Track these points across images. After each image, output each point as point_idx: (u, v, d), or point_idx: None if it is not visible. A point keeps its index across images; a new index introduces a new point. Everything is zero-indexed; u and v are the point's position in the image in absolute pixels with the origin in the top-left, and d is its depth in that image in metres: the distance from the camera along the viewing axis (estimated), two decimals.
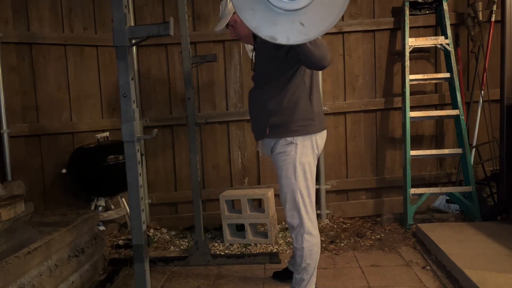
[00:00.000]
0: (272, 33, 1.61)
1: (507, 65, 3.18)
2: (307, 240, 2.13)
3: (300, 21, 1.60)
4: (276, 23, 1.61)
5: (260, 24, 1.61)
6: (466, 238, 2.79)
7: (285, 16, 1.60)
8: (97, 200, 3.42)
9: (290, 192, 2.12)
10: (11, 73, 3.23)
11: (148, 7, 3.66)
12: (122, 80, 1.55)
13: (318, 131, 2.14)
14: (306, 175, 2.12)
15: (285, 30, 1.61)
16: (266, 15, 1.60)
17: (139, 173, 1.60)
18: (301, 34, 1.61)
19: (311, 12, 1.59)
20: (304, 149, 2.10)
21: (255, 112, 2.27)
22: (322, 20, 1.61)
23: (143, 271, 1.65)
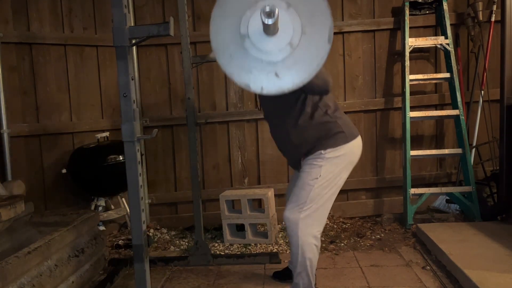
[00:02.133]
0: (247, 82, 1.64)
1: (507, 65, 3.18)
2: (302, 245, 2.08)
3: (275, 72, 1.62)
4: (251, 72, 1.63)
5: (235, 71, 1.64)
6: (466, 238, 2.79)
7: (261, 65, 1.62)
8: (97, 200, 3.42)
9: (304, 192, 2.08)
10: (11, 73, 3.23)
11: (148, 7, 3.66)
12: (122, 80, 1.55)
13: (350, 140, 2.13)
14: (328, 183, 2.09)
15: (261, 80, 1.63)
16: (243, 63, 1.63)
17: (139, 173, 1.60)
18: (275, 86, 1.63)
19: (288, 64, 1.62)
20: (333, 159, 2.09)
21: (285, 149, 2.29)
22: (297, 73, 1.63)
23: (143, 271, 1.65)
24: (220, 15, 1.66)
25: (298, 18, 1.60)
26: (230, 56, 1.64)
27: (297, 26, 1.60)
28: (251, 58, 1.62)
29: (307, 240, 2.08)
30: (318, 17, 1.61)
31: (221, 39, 1.65)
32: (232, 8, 1.65)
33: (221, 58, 1.65)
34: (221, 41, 1.65)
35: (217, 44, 1.65)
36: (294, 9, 1.60)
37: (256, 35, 1.60)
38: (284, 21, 1.59)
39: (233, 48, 1.63)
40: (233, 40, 1.63)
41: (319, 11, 1.61)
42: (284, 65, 1.61)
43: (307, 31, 1.60)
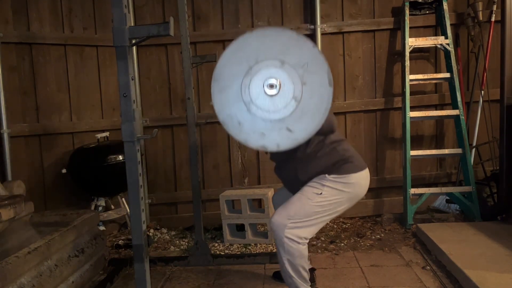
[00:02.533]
0: (262, 143, 1.68)
1: (507, 65, 3.18)
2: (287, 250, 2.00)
3: (287, 127, 1.66)
4: (264, 133, 1.67)
5: (248, 136, 1.68)
6: (466, 238, 2.79)
7: (271, 124, 1.66)
8: (97, 200, 3.42)
9: (298, 200, 2.03)
10: (11, 73, 3.23)
11: (148, 7, 3.66)
12: (122, 80, 1.55)
13: (356, 171, 2.09)
14: (327, 203, 2.04)
15: (274, 138, 1.67)
16: (253, 127, 1.67)
17: (139, 173, 1.60)
18: (289, 140, 1.67)
19: (297, 117, 1.65)
20: (337, 184, 2.05)
21: (292, 186, 2.23)
22: (308, 122, 1.66)
23: (143, 271, 1.65)
24: (220, 89, 1.70)
25: (295, 71, 1.64)
26: (239, 123, 1.68)
27: (296, 79, 1.64)
28: (259, 121, 1.66)
29: (292, 246, 2.01)
30: (313, 65, 1.64)
31: (226, 110, 1.69)
32: (228, 80, 1.68)
33: (231, 129, 1.69)
34: (227, 112, 1.68)
35: (224, 116, 1.69)
36: (289, 65, 1.64)
37: (259, 98, 1.64)
38: (282, 78, 1.63)
39: (240, 116, 1.67)
40: (239, 108, 1.67)
41: (313, 58, 1.65)
42: (293, 118, 1.65)
43: (306, 81, 1.64)
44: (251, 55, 1.66)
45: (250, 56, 1.66)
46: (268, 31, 1.67)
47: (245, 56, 1.67)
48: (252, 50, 1.66)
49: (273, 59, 1.64)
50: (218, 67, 1.70)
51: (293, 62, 1.64)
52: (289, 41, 1.65)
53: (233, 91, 1.68)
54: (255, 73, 1.65)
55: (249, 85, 1.65)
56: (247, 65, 1.66)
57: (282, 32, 1.66)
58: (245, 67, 1.66)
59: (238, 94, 1.67)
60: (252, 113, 1.65)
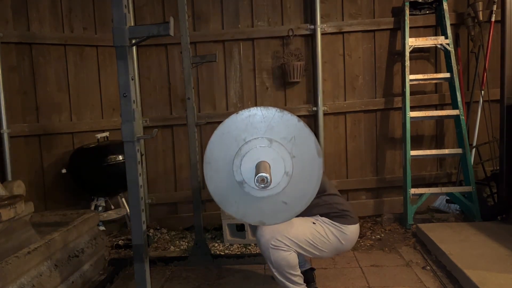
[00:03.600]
0: (260, 218, 1.76)
1: (507, 65, 3.18)
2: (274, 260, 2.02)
3: (282, 201, 1.72)
4: (261, 209, 1.74)
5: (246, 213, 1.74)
6: (466, 238, 2.79)
7: (267, 200, 1.72)
8: (97, 200, 3.42)
9: (292, 226, 2.03)
10: (11, 73, 3.23)
11: (148, 7, 3.66)
12: (122, 80, 1.55)
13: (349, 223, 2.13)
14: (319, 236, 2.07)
15: (271, 213, 1.73)
16: (250, 204, 1.73)
17: (139, 173, 1.60)
18: (286, 212, 1.74)
19: (291, 190, 1.71)
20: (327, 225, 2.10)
21: None
22: (302, 193, 1.73)
23: (143, 271, 1.65)
24: (212, 171, 1.76)
25: (283, 147, 1.70)
26: (235, 202, 1.74)
27: (285, 154, 1.70)
28: (255, 199, 1.71)
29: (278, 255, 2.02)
30: (300, 138, 1.70)
31: (221, 191, 1.75)
32: (220, 162, 1.74)
33: (229, 208, 1.75)
34: (223, 194, 1.75)
35: (220, 197, 1.76)
36: (276, 142, 1.70)
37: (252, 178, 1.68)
38: (272, 156, 1.68)
39: (236, 196, 1.73)
40: (233, 188, 1.73)
41: (299, 132, 1.70)
42: (287, 191, 1.71)
43: (295, 153, 1.70)
44: (239, 135, 1.73)
45: (239, 136, 1.73)
46: (253, 110, 1.73)
47: (234, 137, 1.73)
48: (240, 130, 1.73)
49: (261, 137, 1.70)
50: (209, 150, 1.76)
51: (280, 137, 1.70)
52: (274, 118, 1.71)
53: (226, 172, 1.74)
54: (245, 154, 1.71)
55: (240, 166, 1.71)
56: (236, 146, 1.72)
57: (266, 110, 1.72)
58: (234, 148, 1.73)
59: (230, 175, 1.73)
60: (246, 192, 1.71)
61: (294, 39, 3.62)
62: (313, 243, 2.08)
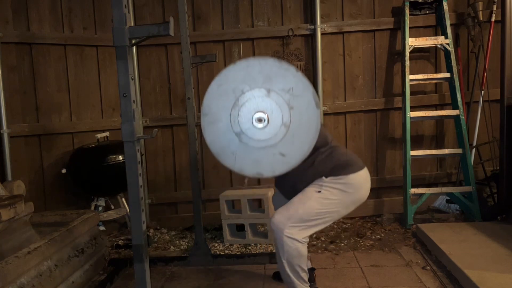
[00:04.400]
0: (257, 170, 1.73)
1: (507, 65, 3.18)
2: (286, 250, 1.99)
3: (280, 152, 1.70)
4: (258, 160, 1.71)
5: (243, 165, 1.72)
6: (466, 238, 2.79)
7: (265, 151, 1.70)
8: (97, 200, 3.42)
9: (299, 201, 2.03)
10: (11, 73, 3.23)
11: (148, 7, 3.66)
12: (122, 80, 1.55)
13: (354, 171, 2.09)
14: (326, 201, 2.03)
15: (269, 164, 1.71)
16: (247, 156, 1.71)
17: (139, 173, 1.60)
18: (284, 164, 1.71)
19: (288, 141, 1.69)
20: (335, 186, 2.05)
21: (290, 196, 2.20)
22: (299, 145, 1.70)
23: (143, 271, 1.65)
24: (209, 122, 1.73)
25: (281, 98, 1.68)
26: (232, 154, 1.72)
27: (283, 105, 1.68)
28: (252, 149, 1.69)
29: (292, 245, 1.99)
30: (298, 89, 1.68)
31: (219, 143, 1.72)
32: (217, 112, 1.72)
33: (226, 160, 1.72)
34: (220, 144, 1.72)
35: (217, 148, 1.73)
36: (275, 92, 1.68)
37: (249, 129, 1.67)
38: (270, 107, 1.67)
39: (233, 146, 1.71)
40: (230, 139, 1.71)
41: (297, 83, 1.68)
42: (285, 143, 1.68)
43: (293, 105, 1.68)
44: (237, 87, 1.71)
45: (236, 88, 1.71)
46: (251, 61, 1.71)
47: (231, 88, 1.71)
48: (237, 81, 1.71)
49: (259, 88, 1.68)
50: (206, 101, 1.75)
51: (279, 88, 1.68)
52: (272, 69, 1.68)
53: (223, 123, 1.72)
54: (242, 104, 1.69)
55: (237, 116, 1.69)
56: (233, 97, 1.70)
57: (264, 61, 1.70)
58: (232, 99, 1.70)
59: (228, 126, 1.71)
60: (243, 142, 1.69)
61: (294, 39, 3.63)
62: (326, 210, 2.04)
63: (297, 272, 2.05)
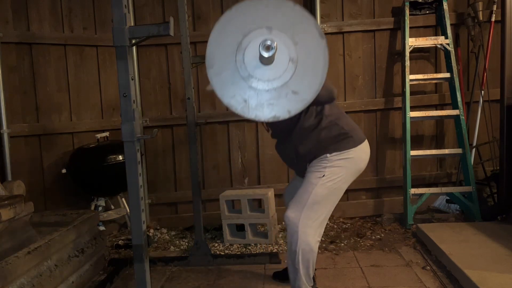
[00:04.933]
0: (273, 114, 1.66)
1: (507, 65, 3.18)
2: (300, 245, 2.04)
3: (292, 90, 1.64)
4: (272, 103, 1.65)
5: (257, 111, 1.66)
6: (466, 238, 2.79)
7: (277, 92, 1.64)
8: (97, 200, 3.42)
9: (306, 192, 2.07)
10: (11, 73, 3.23)
11: (148, 7, 3.66)
12: (122, 80, 1.55)
13: (356, 144, 2.12)
14: (331, 183, 2.07)
15: (283, 105, 1.65)
16: (260, 101, 1.65)
17: (139, 173, 1.60)
18: (298, 102, 1.65)
19: (299, 78, 1.64)
20: (338, 161, 2.08)
21: (292, 162, 2.28)
22: (311, 80, 1.65)
23: (143, 271, 1.65)
24: (216, 74, 1.69)
25: (284, 34, 1.63)
26: (244, 101, 1.66)
27: (287, 41, 1.63)
28: (264, 93, 1.64)
29: (306, 240, 2.05)
30: (300, 24, 1.63)
31: (228, 92, 1.67)
32: (222, 62, 1.68)
33: (239, 109, 1.66)
34: (230, 94, 1.67)
35: (228, 99, 1.67)
36: (276, 29, 1.63)
37: (257, 70, 1.62)
38: None
39: (244, 93, 1.65)
40: (240, 87, 1.65)
41: (298, 17, 1.63)
42: (295, 80, 1.63)
43: (297, 40, 1.63)
44: (236, 31, 1.64)
45: (236, 32, 1.64)
46: (246, 3, 1.65)
47: (231, 34, 1.65)
48: (236, 26, 1.64)
49: (260, 28, 1.62)
50: (208, 53, 1.69)
51: (280, 25, 1.62)
52: (269, 7, 1.63)
53: (230, 71, 1.66)
54: (246, 47, 1.63)
55: (243, 60, 1.63)
56: (235, 42, 1.64)
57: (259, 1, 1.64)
58: (234, 45, 1.65)
59: (235, 73, 1.65)
60: (253, 87, 1.63)
61: None
62: (332, 191, 2.08)
63: (308, 267, 2.09)
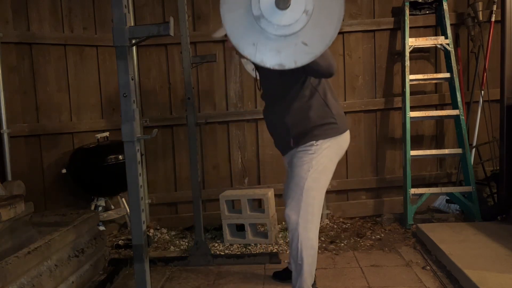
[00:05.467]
0: (279, 61, 1.62)
1: (507, 65, 3.18)
2: (302, 241, 2.11)
3: (302, 41, 1.60)
4: (279, 51, 1.61)
5: (264, 55, 1.62)
6: (466, 238, 2.79)
7: (286, 41, 1.60)
8: (97, 200, 3.42)
9: (299, 188, 2.11)
10: (11, 73, 3.23)
11: (148, 7, 3.66)
12: (122, 80, 1.55)
13: (341, 132, 2.15)
14: (319, 175, 2.11)
15: (291, 55, 1.61)
16: (268, 45, 1.61)
17: (139, 173, 1.60)
18: (307, 54, 1.61)
19: (311, 30, 1.59)
20: (323, 151, 2.11)
21: (275, 130, 2.29)
22: (322, 34, 1.60)
23: (143, 271, 1.65)
24: (229, 10, 1.63)
25: None
26: (253, 44, 1.61)
27: None
28: (273, 38, 1.60)
29: (307, 236, 2.11)
30: None
31: (238, 31, 1.62)
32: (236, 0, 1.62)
33: (246, 50, 1.62)
34: (240, 33, 1.62)
35: (237, 38, 1.62)
36: None
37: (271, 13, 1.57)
38: None
39: (253, 36, 1.61)
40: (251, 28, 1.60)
41: None
42: (307, 32, 1.59)
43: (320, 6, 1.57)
44: None
45: None
46: None
47: None
48: None
49: None
50: None
51: None
52: None
53: (243, 10, 1.61)
54: None
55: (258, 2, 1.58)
56: None
57: None
58: None
59: (248, 13, 1.60)
60: (264, 29, 1.59)
61: None
62: (322, 179, 2.14)
63: (310, 264, 2.14)
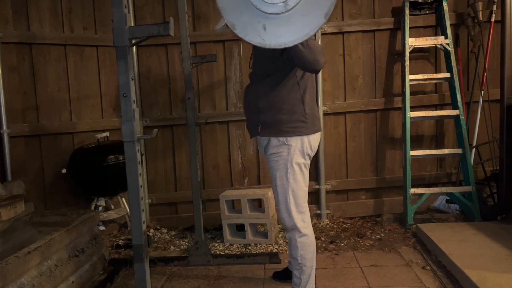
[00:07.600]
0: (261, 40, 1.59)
1: (507, 65, 3.18)
2: (300, 241, 2.14)
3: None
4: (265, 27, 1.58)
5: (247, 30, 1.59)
6: (466, 238, 2.79)
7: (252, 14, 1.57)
8: (97, 200, 3.42)
9: (282, 193, 2.14)
10: (11, 73, 3.23)
11: (148, 7, 3.66)
12: (122, 80, 1.55)
13: (310, 133, 2.14)
14: (297, 176, 2.12)
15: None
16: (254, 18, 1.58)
17: (139, 173, 1.60)
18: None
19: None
20: (296, 150, 2.11)
21: (248, 109, 2.31)
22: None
23: (143, 271, 1.65)
24: None
25: None
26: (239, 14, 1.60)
27: None
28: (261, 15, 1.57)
29: (303, 234, 2.15)
30: None
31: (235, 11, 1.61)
32: None
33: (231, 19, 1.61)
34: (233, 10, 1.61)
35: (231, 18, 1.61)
36: None
37: None
38: None
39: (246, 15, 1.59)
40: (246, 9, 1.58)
41: None
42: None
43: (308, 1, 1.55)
44: None
45: None
46: None
47: None
48: None
49: None
50: None
51: None
52: None
53: None
54: None
55: None
56: None
57: None
58: None
59: None
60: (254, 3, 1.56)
61: None
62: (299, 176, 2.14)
63: (311, 260, 2.16)
